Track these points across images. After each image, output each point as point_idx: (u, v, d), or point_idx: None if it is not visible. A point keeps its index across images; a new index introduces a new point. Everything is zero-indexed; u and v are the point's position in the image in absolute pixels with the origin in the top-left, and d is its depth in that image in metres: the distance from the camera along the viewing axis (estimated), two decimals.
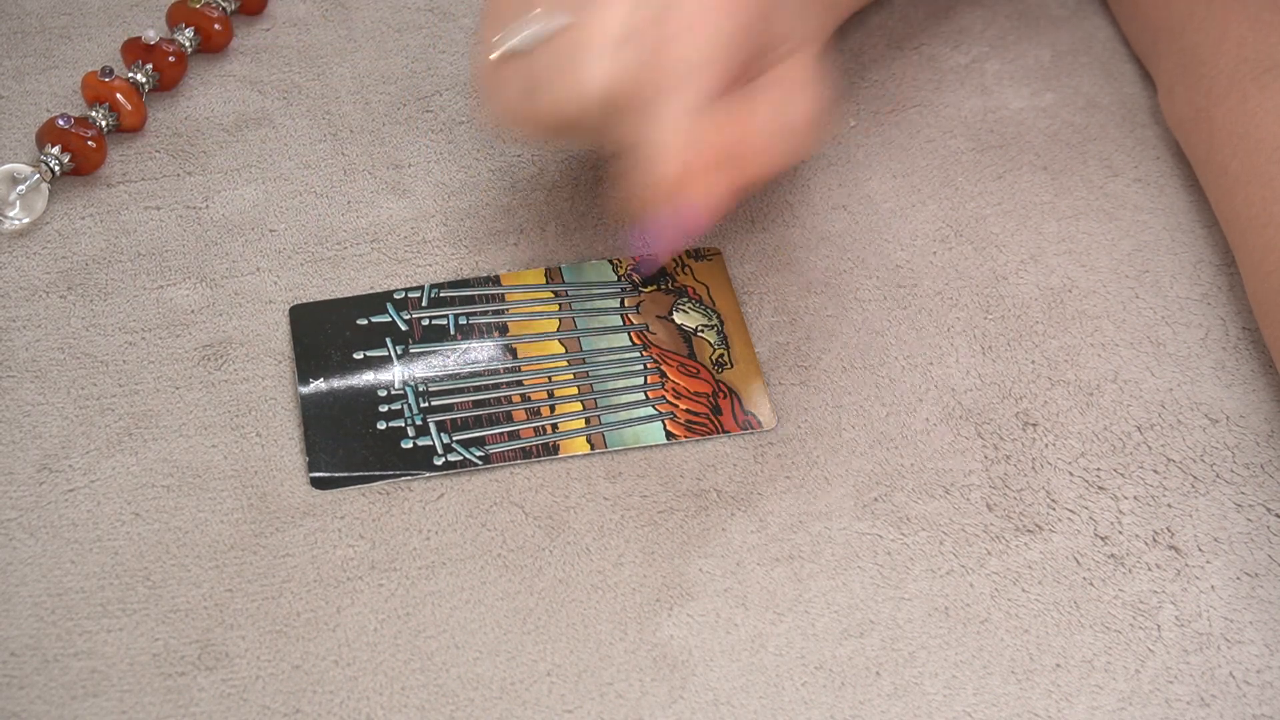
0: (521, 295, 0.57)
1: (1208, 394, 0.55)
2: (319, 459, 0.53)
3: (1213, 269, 0.59)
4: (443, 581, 0.51)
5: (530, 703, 0.48)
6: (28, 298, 0.57)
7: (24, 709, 0.47)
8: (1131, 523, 0.52)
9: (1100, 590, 0.51)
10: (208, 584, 0.50)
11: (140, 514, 0.52)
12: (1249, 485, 0.53)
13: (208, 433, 0.54)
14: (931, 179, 0.62)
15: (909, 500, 0.53)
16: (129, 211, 0.59)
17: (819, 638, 0.50)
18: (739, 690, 0.49)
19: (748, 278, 0.58)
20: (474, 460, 0.53)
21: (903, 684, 0.49)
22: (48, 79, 0.63)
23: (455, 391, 0.55)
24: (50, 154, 0.59)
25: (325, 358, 0.55)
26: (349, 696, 0.48)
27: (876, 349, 0.57)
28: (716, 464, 0.54)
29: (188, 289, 0.57)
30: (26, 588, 0.50)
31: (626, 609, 0.50)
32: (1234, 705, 0.48)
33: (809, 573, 0.51)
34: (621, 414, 0.54)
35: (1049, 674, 0.49)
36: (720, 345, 0.56)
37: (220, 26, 0.64)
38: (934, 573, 0.51)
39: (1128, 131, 0.63)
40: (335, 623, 0.50)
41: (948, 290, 0.58)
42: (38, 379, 0.55)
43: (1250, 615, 0.50)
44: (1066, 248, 0.59)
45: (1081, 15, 0.67)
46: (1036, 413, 0.55)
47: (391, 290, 0.57)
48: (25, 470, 0.52)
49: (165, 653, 0.49)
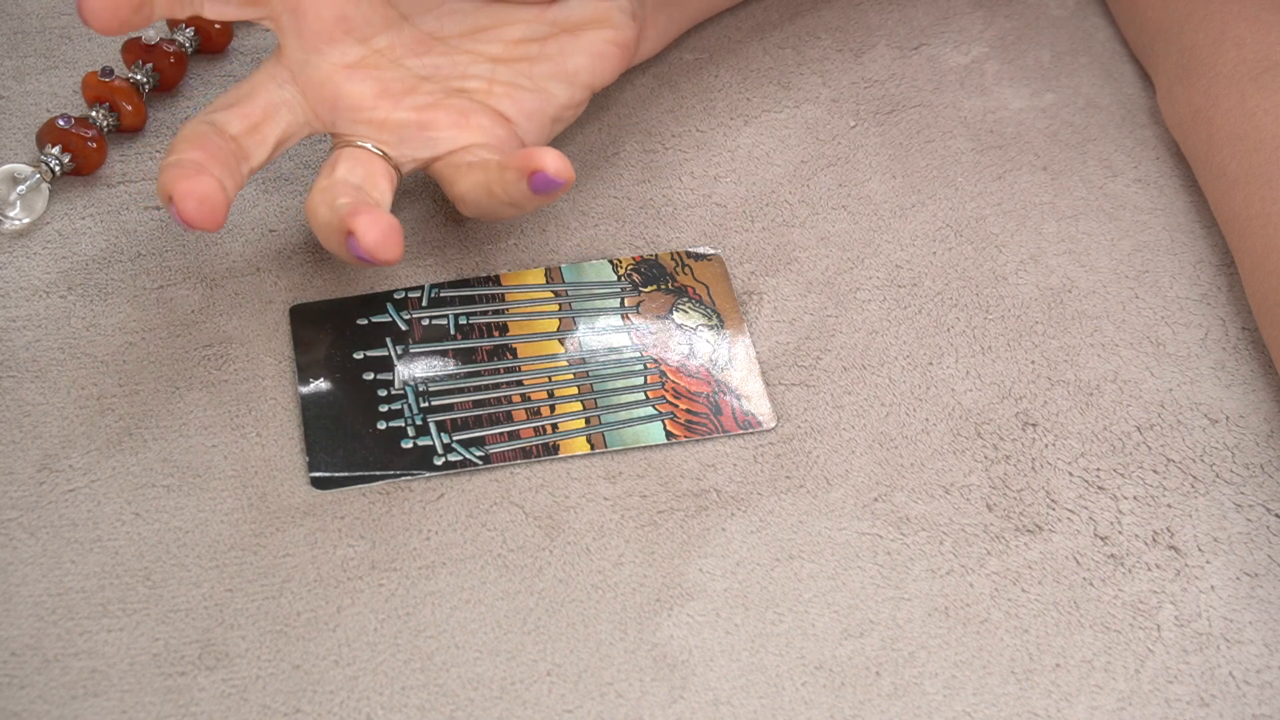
0: (521, 295, 0.57)
1: (1208, 394, 0.55)
2: (319, 459, 0.53)
3: (1213, 269, 0.59)
4: (443, 581, 0.51)
5: (530, 703, 0.48)
6: (28, 298, 0.57)
7: (24, 709, 0.47)
8: (1131, 523, 0.52)
9: (1100, 590, 0.51)
10: (208, 584, 0.50)
11: (140, 514, 0.52)
12: (1249, 485, 0.53)
13: (208, 433, 0.54)
14: (931, 179, 0.62)
15: (909, 500, 0.53)
16: (129, 211, 0.59)
17: (819, 638, 0.50)
18: (739, 690, 0.49)
19: (748, 278, 0.58)
20: (474, 460, 0.53)
21: (903, 684, 0.49)
22: (48, 79, 0.63)
23: (455, 391, 0.55)
24: (50, 154, 0.59)
25: (325, 358, 0.55)
26: (349, 696, 0.48)
27: (876, 349, 0.57)
28: (716, 464, 0.54)
29: (188, 289, 0.57)
30: (26, 588, 0.50)
31: (626, 609, 0.50)
32: (1234, 705, 0.48)
33: (809, 573, 0.51)
34: (621, 414, 0.54)
35: (1049, 674, 0.49)
36: (720, 345, 0.56)
37: (220, 26, 0.64)
38: (934, 573, 0.51)
39: (1128, 131, 0.63)
40: (335, 623, 0.50)
41: (948, 290, 0.58)
42: (38, 379, 0.55)
43: (1250, 615, 0.50)
44: (1066, 248, 0.60)
45: (1081, 15, 0.67)
46: (1036, 413, 0.55)
47: (391, 290, 0.57)
48: (25, 470, 0.52)
49: (165, 653, 0.49)
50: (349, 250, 0.51)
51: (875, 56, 0.66)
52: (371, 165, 0.54)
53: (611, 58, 0.58)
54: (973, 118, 0.64)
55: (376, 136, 0.55)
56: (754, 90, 0.64)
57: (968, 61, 0.66)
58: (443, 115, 0.55)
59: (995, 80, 0.65)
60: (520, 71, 0.57)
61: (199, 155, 0.52)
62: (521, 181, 0.52)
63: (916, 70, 0.65)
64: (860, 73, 0.65)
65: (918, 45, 0.66)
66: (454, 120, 0.55)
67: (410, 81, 0.55)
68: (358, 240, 0.51)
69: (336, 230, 0.51)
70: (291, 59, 0.54)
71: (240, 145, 0.53)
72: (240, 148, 0.53)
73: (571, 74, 0.57)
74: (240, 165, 0.53)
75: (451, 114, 0.55)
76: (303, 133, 0.55)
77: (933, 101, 0.64)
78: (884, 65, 0.65)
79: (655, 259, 0.59)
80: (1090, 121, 0.63)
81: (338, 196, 0.52)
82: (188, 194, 0.51)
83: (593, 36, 0.58)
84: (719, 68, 0.65)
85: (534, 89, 0.57)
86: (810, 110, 0.64)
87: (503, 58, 0.57)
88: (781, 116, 0.63)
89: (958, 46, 0.66)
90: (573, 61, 0.57)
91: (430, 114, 0.55)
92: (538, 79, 0.57)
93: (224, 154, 0.52)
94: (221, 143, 0.53)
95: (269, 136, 0.54)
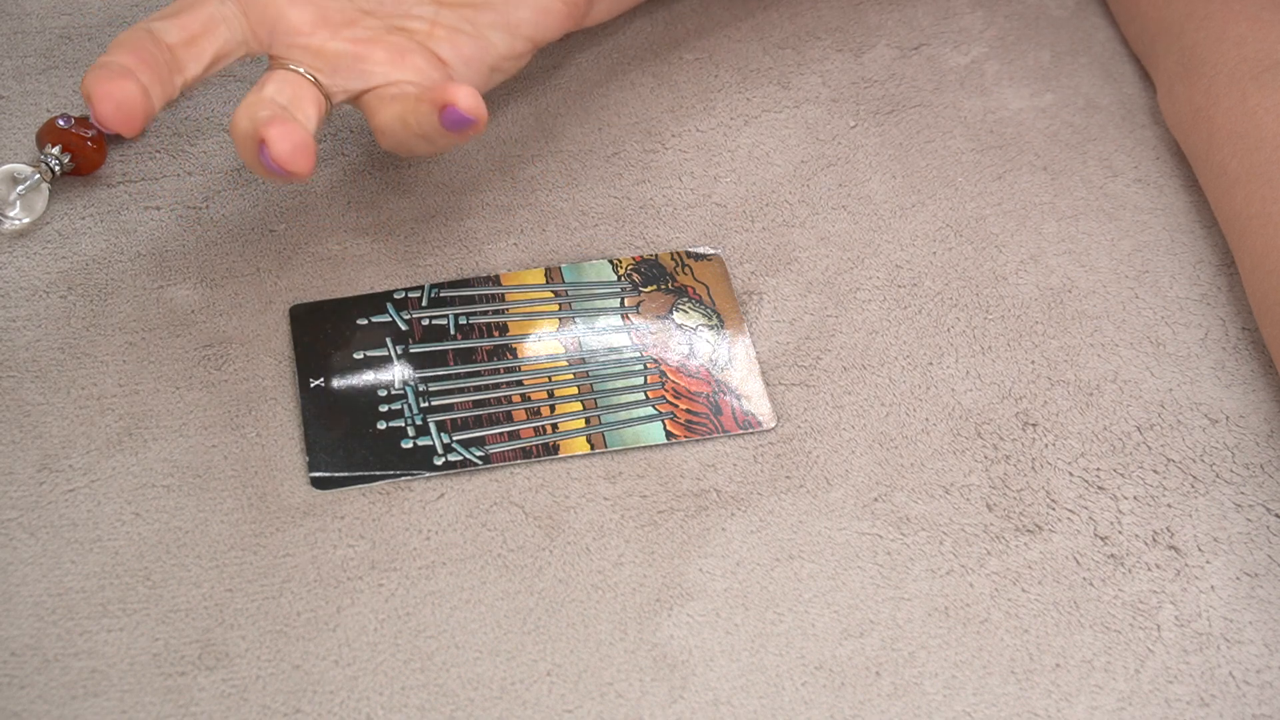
0: (521, 295, 0.57)
1: (1208, 394, 0.55)
2: (319, 459, 0.53)
3: (1213, 269, 0.59)
4: (443, 581, 0.51)
5: (530, 703, 0.48)
6: (28, 298, 0.57)
7: (24, 709, 0.47)
8: (1131, 523, 0.52)
9: (1100, 590, 0.51)
10: (208, 584, 0.50)
11: (140, 514, 0.52)
12: (1249, 485, 0.53)
13: (208, 432, 0.54)
14: (931, 179, 0.62)
15: (909, 500, 0.53)
16: (129, 211, 0.59)
17: (819, 638, 0.50)
18: (739, 690, 0.49)
19: (748, 278, 0.58)
20: (474, 460, 0.53)
21: (903, 684, 0.49)
22: (48, 79, 0.63)
23: (455, 391, 0.55)
24: (50, 154, 0.59)
25: (325, 358, 0.55)
26: (349, 696, 0.48)
27: (876, 349, 0.57)
28: (716, 464, 0.54)
29: (188, 289, 0.57)
30: (26, 588, 0.50)
31: (626, 609, 0.50)
32: (1234, 705, 0.48)
33: (809, 573, 0.51)
34: (621, 414, 0.54)
35: (1049, 674, 0.49)
36: (720, 345, 0.56)
37: None
38: (934, 573, 0.51)
39: (1128, 131, 0.63)
40: (335, 623, 0.50)
41: (948, 290, 0.58)
42: (38, 379, 0.55)
43: (1250, 615, 0.50)
44: (1066, 248, 0.60)
45: (1081, 15, 0.67)
46: (1036, 413, 0.55)
47: (391, 290, 0.57)
48: (25, 470, 0.52)
49: (165, 653, 0.49)
50: (261, 161, 0.52)
51: (875, 56, 0.66)
52: (300, 89, 0.54)
53: (557, 14, 0.58)
54: (973, 118, 0.63)
55: (311, 63, 0.55)
56: (754, 90, 0.64)
57: (968, 61, 0.65)
58: (379, 51, 0.55)
59: (995, 80, 0.65)
60: (464, 17, 0.57)
61: (130, 60, 0.52)
62: (433, 115, 0.53)
63: (916, 70, 0.65)
64: (860, 73, 0.65)
65: (918, 45, 0.66)
66: (390, 57, 0.55)
67: (352, 14, 0.56)
68: (268, 149, 0.51)
69: (252, 140, 0.52)
70: None
71: (175, 56, 0.53)
72: (175, 58, 0.53)
73: (515, 25, 0.57)
74: (173, 76, 0.53)
75: (389, 51, 0.55)
76: (239, 52, 0.55)
77: (933, 101, 0.64)
78: (884, 65, 0.65)
79: (655, 259, 0.59)
80: (1090, 121, 0.63)
81: (260, 110, 0.52)
82: (106, 96, 0.51)
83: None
84: (719, 68, 0.65)
85: (475, 35, 0.57)
86: (810, 110, 0.64)
87: (448, 1, 0.57)
88: (781, 116, 0.63)
89: (958, 46, 0.66)
90: (518, 13, 0.57)
91: (367, 48, 0.55)
92: (480, 26, 0.57)
93: (157, 62, 0.52)
94: (156, 51, 0.53)
95: (205, 51, 0.54)
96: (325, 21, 0.55)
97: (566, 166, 0.61)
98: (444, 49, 0.56)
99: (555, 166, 0.61)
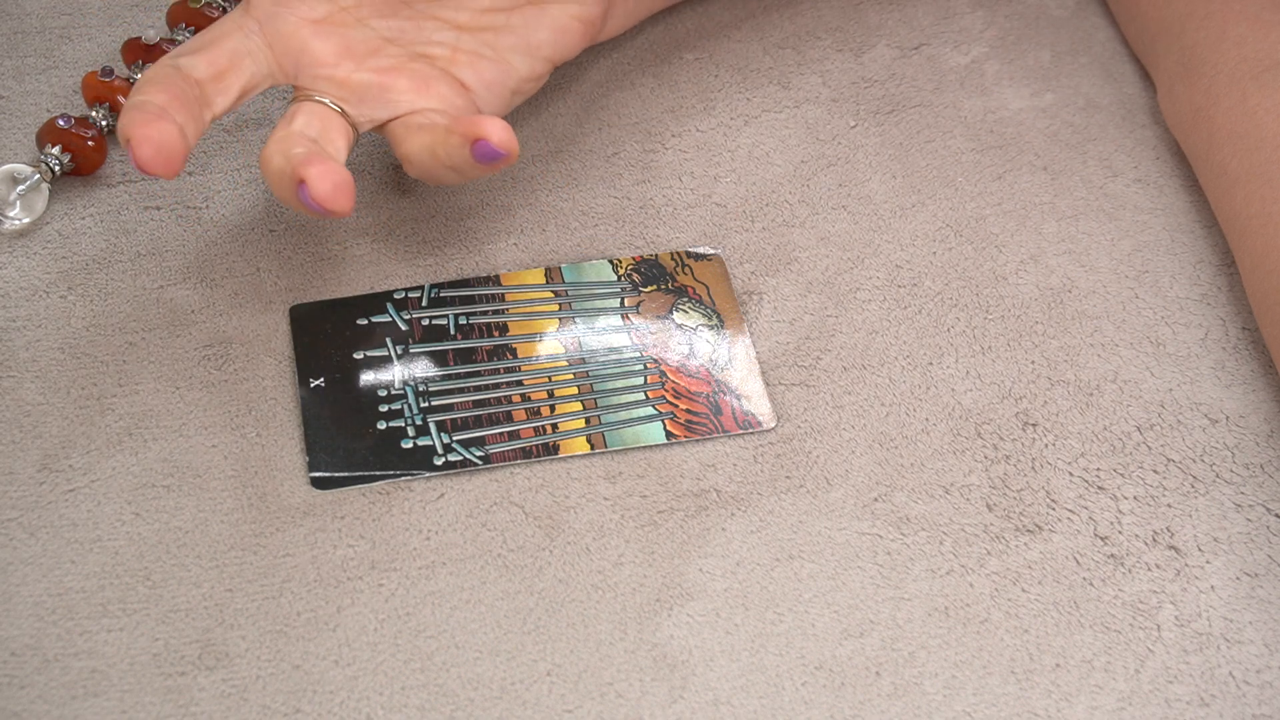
0: (521, 295, 0.57)
1: (1208, 394, 0.55)
2: (319, 459, 0.53)
3: (1213, 269, 0.59)
4: (443, 581, 0.51)
5: (530, 703, 0.48)
6: (28, 298, 0.57)
7: (24, 709, 0.47)
8: (1131, 523, 0.52)
9: (1100, 590, 0.51)
10: (208, 584, 0.50)
11: (140, 514, 0.52)
12: (1249, 485, 0.53)
13: (208, 433, 0.54)
14: (931, 179, 0.62)
15: (909, 500, 0.53)
16: (129, 211, 0.59)
17: (819, 638, 0.50)
18: (739, 690, 0.49)
19: (748, 278, 0.58)
20: (474, 460, 0.53)
21: (903, 684, 0.49)
22: (48, 79, 0.63)
23: (455, 391, 0.55)
24: (50, 154, 0.59)
25: (325, 358, 0.55)
26: (349, 696, 0.48)
27: (876, 349, 0.57)
28: (716, 464, 0.54)
29: (188, 289, 0.57)
30: (26, 588, 0.50)
31: (626, 609, 0.50)
32: (1234, 705, 0.48)
33: (809, 573, 0.51)
34: (621, 414, 0.54)
35: (1049, 674, 0.49)
36: (720, 345, 0.56)
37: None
38: (934, 573, 0.51)
39: (1128, 131, 0.63)
40: (335, 623, 0.50)
41: (948, 290, 0.58)
42: (38, 379, 0.55)
43: (1250, 615, 0.50)
44: (1066, 248, 0.59)
45: (1081, 15, 0.67)
46: (1036, 413, 0.55)
47: (391, 290, 0.57)
48: (25, 470, 0.52)
49: (165, 653, 0.49)
50: (300, 199, 0.52)
51: (875, 56, 0.66)
52: (329, 120, 0.54)
53: (575, 33, 0.58)
54: (973, 118, 0.63)
55: (336, 93, 0.55)
56: (754, 90, 0.64)
57: (968, 61, 0.65)
58: (403, 79, 0.55)
59: (995, 80, 0.65)
60: (484, 41, 0.57)
61: (163, 98, 0.52)
62: (465, 147, 0.53)
63: (916, 70, 0.65)
64: (860, 73, 0.65)
65: (918, 45, 0.66)
66: (414, 85, 0.55)
67: (375, 43, 0.56)
68: (309, 190, 0.51)
69: (289, 179, 0.52)
70: (260, 9, 0.55)
71: (204, 91, 0.53)
72: (204, 93, 0.53)
73: (534, 47, 0.57)
74: (203, 111, 0.53)
75: (413, 79, 0.55)
76: (266, 84, 0.55)
77: (933, 101, 0.64)
78: (884, 65, 0.65)
79: (655, 259, 0.59)
80: (1090, 121, 0.63)
81: (293, 146, 0.52)
82: (145, 139, 0.51)
83: (558, 11, 0.58)
84: (719, 68, 0.65)
85: (496, 59, 0.57)
86: (810, 110, 0.64)
87: (468, 26, 0.57)
88: (781, 116, 0.63)
89: (958, 46, 0.66)
90: (537, 35, 0.57)
91: (391, 77, 0.55)
92: (501, 50, 0.57)
93: (188, 98, 0.52)
94: (186, 87, 0.53)
95: (233, 85, 0.54)
96: (349, 52, 0.55)
97: (566, 166, 0.61)
98: (466, 74, 0.56)
99: (555, 166, 0.61)
